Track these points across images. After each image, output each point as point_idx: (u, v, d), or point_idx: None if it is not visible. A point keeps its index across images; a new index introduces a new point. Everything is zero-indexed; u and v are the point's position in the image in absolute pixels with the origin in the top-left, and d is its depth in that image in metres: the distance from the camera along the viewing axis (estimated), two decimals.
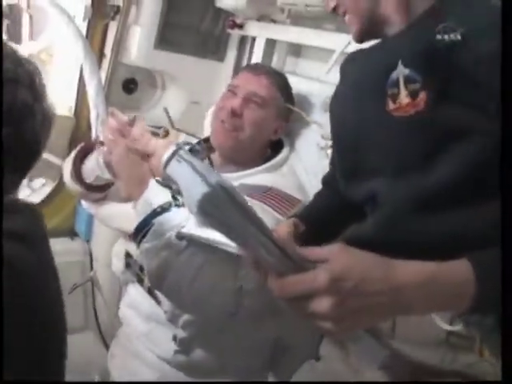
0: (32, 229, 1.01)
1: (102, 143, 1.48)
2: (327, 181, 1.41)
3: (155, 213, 1.32)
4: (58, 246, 1.11)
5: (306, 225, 1.26)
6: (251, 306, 1.35)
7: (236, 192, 0.85)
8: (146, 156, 1.34)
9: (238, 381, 1.65)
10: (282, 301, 0.89)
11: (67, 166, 1.69)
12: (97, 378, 2.07)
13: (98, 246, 2.50)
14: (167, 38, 2.39)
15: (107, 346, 2.38)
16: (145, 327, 1.68)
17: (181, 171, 0.87)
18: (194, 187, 0.83)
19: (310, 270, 0.86)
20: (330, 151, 1.50)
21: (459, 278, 0.86)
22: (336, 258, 0.87)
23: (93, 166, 1.60)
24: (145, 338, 1.68)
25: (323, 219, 1.33)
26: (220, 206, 0.83)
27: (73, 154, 1.70)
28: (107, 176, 1.47)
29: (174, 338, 1.59)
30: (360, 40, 1.22)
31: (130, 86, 2.52)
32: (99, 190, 1.68)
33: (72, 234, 2.60)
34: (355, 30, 1.19)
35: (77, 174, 1.65)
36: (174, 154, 0.88)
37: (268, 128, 1.72)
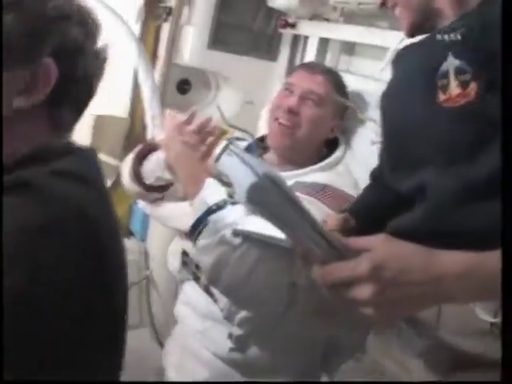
0: (92, 171, 1.00)
1: (159, 144, 1.51)
2: (376, 175, 1.40)
3: (211, 210, 1.34)
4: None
5: (356, 219, 1.27)
6: (304, 303, 1.36)
7: (283, 182, 0.87)
8: (202, 155, 1.36)
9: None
10: (325, 288, 0.92)
11: (126, 167, 1.71)
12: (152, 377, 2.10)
13: (153, 245, 2.52)
14: (220, 38, 2.40)
15: (161, 344, 2.41)
16: (200, 325, 1.70)
17: (231, 164, 0.89)
18: (243, 178, 0.86)
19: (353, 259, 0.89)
20: None
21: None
22: (378, 247, 0.91)
23: (153, 167, 1.61)
24: (200, 335, 1.70)
25: (372, 213, 1.33)
26: (267, 196, 0.86)
27: (131, 155, 1.72)
28: (168, 177, 1.49)
29: (230, 336, 1.60)
30: (411, 34, 1.21)
31: (183, 86, 2.54)
32: (158, 191, 1.70)
33: (127, 233, 2.63)
34: (406, 24, 1.18)
35: (136, 175, 1.68)
36: (225, 148, 0.90)
37: (325, 126, 1.71)
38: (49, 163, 0.91)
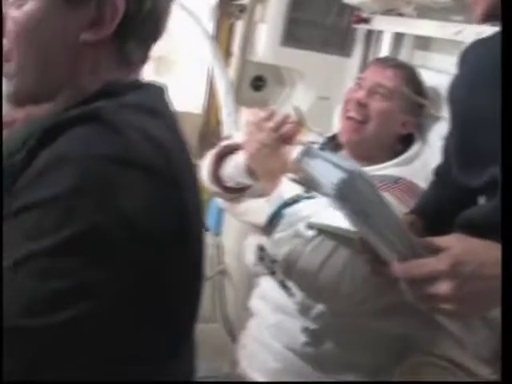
0: (162, 105, 1.00)
1: (237, 145, 1.53)
2: (440, 172, 1.40)
3: (286, 204, 1.37)
4: None
5: (422, 217, 1.31)
6: (376, 299, 1.37)
7: (370, 176, 0.89)
8: (281, 152, 1.38)
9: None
10: (405, 283, 0.96)
11: (205, 166, 1.73)
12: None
13: (228, 240, 2.56)
14: (293, 34, 2.41)
15: (234, 337, 2.44)
16: (275, 318, 1.72)
17: (314, 164, 0.90)
18: (330, 175, 0.87)
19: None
20: None
21: None
22: (455, 245, 0.95)
23: (233, 172, 1.63)
24: (274, 328, 1.72)
25: (438, 210, 1.35)
26: (355, 191, 0.88)
27: (210, 155, 1.74)
28: (247, 181, 1.51)
29: (305, 330, 1.62)
30: (483, 19, 1.19)
31: (258, 83, 2.57)
32: (237, 192, 1.72)
33: None
34: (479, 8, 1.17)
35: (216, 177, 1.71)
36: (304, 150, 0.91)
37: (394, 120, 1.70)
38: (117, 97, 0.91)
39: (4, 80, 0.95)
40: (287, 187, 1.40)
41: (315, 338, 1.62)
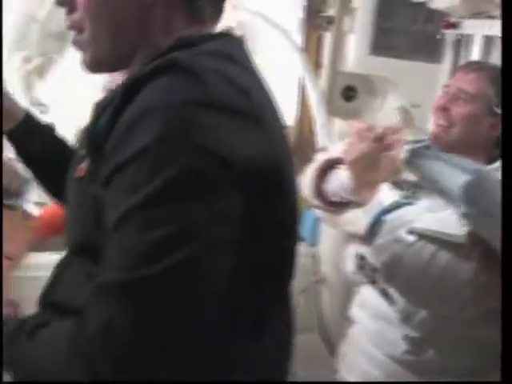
0: (240, 53, 1.00)
1: (339, 159, 1.55)
2: None
3: (386, 210, 1.38)
4: None
5: None
6: (479, 303, 1.37)
7: (495, 176, 0.88)
8: (381, 163, 1.39)
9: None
10: None
11: (306, 180, 1.75)
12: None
13: (325, 249, 2.57)
14: (382, 43, 2.42)
15: (331, 346, 2.45)
16: (375, 326, 1.72)
17: (429, 167, 0.89)
18: (453, 177, 0.85)
19: None
20: None
21: None
22: None
23: (337, 187, 1.65)
24: (375, 336, 1.72)
25: None
26: (485, 191, 0.87)
27: (312, 170, 1.76)
28: (351, 197, 1.53)
29: (406, 338, 1.62)
30: None
31: (349, 93, 2.57)
32: (342, 206, 1.73)
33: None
34: None
35: (319, 192, 1.73)
36: (415, 153, 0.91)
37: (480, 123, 1.67)
38: (193, 47, 0.91)
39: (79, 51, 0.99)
40: (385, 194, 1.42)
41: (416, 346, 1.62)
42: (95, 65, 1.01)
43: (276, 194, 0.91)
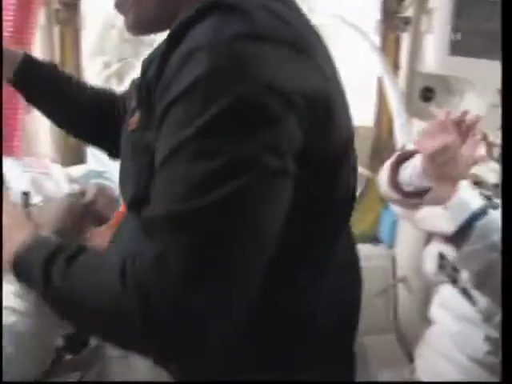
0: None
1: (414, 151, 1.54)
2: None
3: (476, 215, 1.36)
4: (361, 251, 1.16)
5: None
6: None
7: None
8: (462, 156, 1.38)
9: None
10: None
11: (383, 176, 1.76)
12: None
13: (403, 250, 2.57)
14: (460, 43, 2.39)
15: (407, 347, 2.45)
16: (456, 327, 1.71)
17: None
18: None
19: None
20: None
21: None
22: None
23: (410, 176, 1.65)
24: (455, 337, 1.71)
25: None
26: None
27: (388, 163, 1.77)
28: (425, 185, 1.52)
29: (487, 339, 1.60)
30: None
31: (427, 94, 2.56)
32: (417, 197, 1.73)
33: (375, 240, 2.70)
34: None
35: (394, 183, 1.72)
36: None
37: None
38: None
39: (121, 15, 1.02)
40: (469, 194, 1.40)
41: (498, 347, 1.60)
42: (138, 26, 1.04)
43: (328, 124, 0.92)
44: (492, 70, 2.41)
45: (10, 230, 1.05)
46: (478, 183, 1.53)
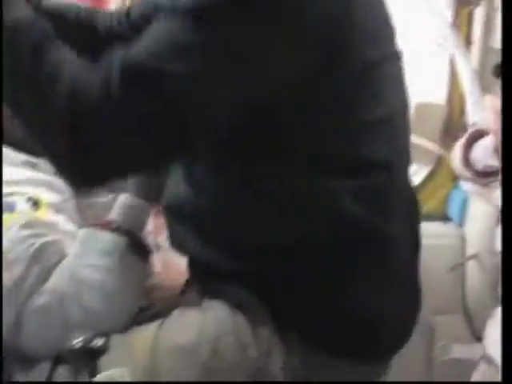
0: None
1: (487, 130, 1.53)
2: None
3: None
4: (430, 229, 1.17)
5: None
6: None
7: None
8: None
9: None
10: None
11: (456, 155, 1.75)
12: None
13: (473, 229, 2.54)
14: None
15: (474, 327, 2.44)
16: None
17: None
18: None
19: None
20: None
21: None
22: None
23: (481, 155, 1.64)
24: None
25: None
26: None
27: (461, 142, 1.76)
28: (496, 164, 1.51)
29: None
30: None
31: (500, 70, 2.50)
32: (489, 176, 1.72)
33: (444, 218, 2.67)
34: None
35: (467, 161, 1.72)
36: None
37: None
38: None
39: None
40: None
41: None
42: None
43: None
44: None
45: None
46: None
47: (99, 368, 1.17)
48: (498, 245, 1.80)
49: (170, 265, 1.33)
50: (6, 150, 1.53)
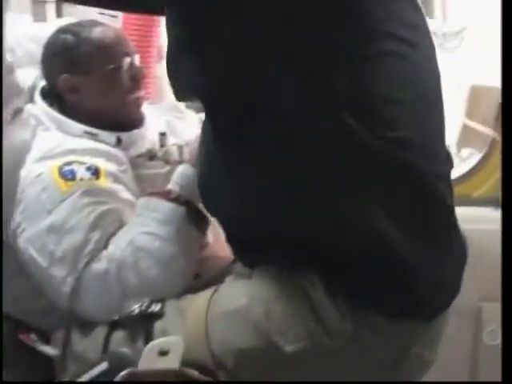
0: None
1: None
2: None
3: None
4: (483, 214, 1.15)
5: None
6: None
7: None
8: None
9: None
10: None
11: None
12: None
13: None
14: None
15: None
16: None
17: None
18: None
19: None
20: None
21: None
22: None
23: None
24: None
25: None
26: None
27: None
28: None
29: None
30: None
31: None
32: None
33: (497, 203, 2.64)
34: None
35: None
36: None
37: None
38: None
39: None
40: None
41: None
42: None
43: None
44: None
45: None
46: None
47: (154, 333, 1.21)
48: None
49: (221, 236, 1.35)
50: (68, 120, 1.58)
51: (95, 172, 1.49)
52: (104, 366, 1.15)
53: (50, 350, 1.29)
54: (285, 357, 1.10)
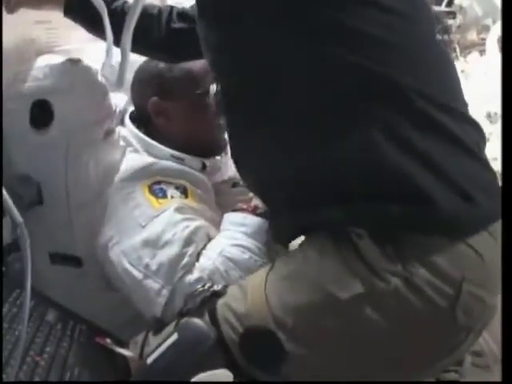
0: None
1: None
2: None
3: None
4: None
5: None
6: None
7: None
8: None
9: None
10: None
11: None
12: None
13: None
14: None
15: None
16: None
17: None
18: None
19: None
20: None
21: None
22: None
23: None
24: None
25: None
26: None
27: None
28: None
29: None
30: None
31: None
32: None
33: None
34: None
35: None
36: None
37: None
38: None
39: None
40: None
41: None
42: None
43: None
44: None
45: None
46: None
47: (217, 309, 1.25)
48: None
49: None
50: (155, 144, 1.67)
51: (184, 191, 1.57)
52: (175, 337, 1.19)
53: (127, 352, 1.32)
54: (341, 306, 1.12)
